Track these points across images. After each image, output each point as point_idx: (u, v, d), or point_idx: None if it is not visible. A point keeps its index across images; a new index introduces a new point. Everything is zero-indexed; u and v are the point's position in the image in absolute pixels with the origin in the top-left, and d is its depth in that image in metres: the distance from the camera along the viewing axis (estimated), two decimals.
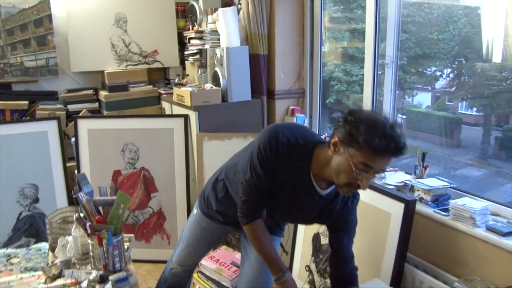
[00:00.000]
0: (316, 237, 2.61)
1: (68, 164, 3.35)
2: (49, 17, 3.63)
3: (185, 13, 4.07)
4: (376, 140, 1.46)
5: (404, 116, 3.13)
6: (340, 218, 1.84)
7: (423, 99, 3.02)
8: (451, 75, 2.81)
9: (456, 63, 2.75)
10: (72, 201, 3.28)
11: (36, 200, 3.26)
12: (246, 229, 1.83)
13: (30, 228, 3.25)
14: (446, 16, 2.71)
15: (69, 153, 3.47)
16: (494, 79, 2.42)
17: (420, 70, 3.00)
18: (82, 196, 1.85)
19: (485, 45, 2.37)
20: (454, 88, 2.81)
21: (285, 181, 1.72)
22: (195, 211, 2.17)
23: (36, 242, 3.08)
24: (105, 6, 3.82)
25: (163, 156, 3.23)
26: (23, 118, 3.48)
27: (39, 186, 3.25)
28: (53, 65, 3.66)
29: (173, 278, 2.28)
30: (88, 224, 1.77)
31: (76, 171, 3.33)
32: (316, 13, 3.32)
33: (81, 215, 1.82)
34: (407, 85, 3.06)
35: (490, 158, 2.59)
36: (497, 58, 2.32)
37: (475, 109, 2.69)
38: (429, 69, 2.95)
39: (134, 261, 1.97)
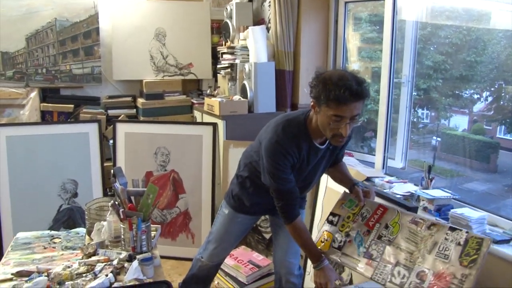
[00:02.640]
0: None
1: (106, 164, 3.66)
2: (97, 30, 4.00)
3: (219, 30, 4.36)
4: (332, 93, 1.73)
5: (439, 139, 3.17)
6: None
7: (459, 122, 3.03)
8: (489, 99, 2.81)
9: (496, 86, 2.76)
10: (108, 196, 3.58)
11: (75, 194, 3.58)
12: (289, 229, 2.07)
13: (69, 220, 3.56)
14: (485, 39, 2.72)
15: (107, 154, 3.78)
16: None
17: (457, 92, 3.01)
18: (117, 185, 2.12)
19: None
20: (492, 112, 2.80)
21: (301, 161, 2.00)
22: (226, 211, 2.35)
23: None
24: (146, 21, 4.16)
25: (192, 160, 3.50)
26: (68, 120, 3.84)
27: (79, 182, 3.57)
28: (97, 73, 4.02)
29: (202, 272, 2.45)
30: (121, 210, 2.04)
31: (112, 169, 3.63)
32: (339, 33, 3.54)
33: (116, 202, 2.09)
34: (442, 107, 3.08)
35: None
36: None
37: None
38: (466, 92, 2.95)
39: (161, 257, 2.16)
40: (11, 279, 1.90)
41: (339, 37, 3.55)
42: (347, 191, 2.24)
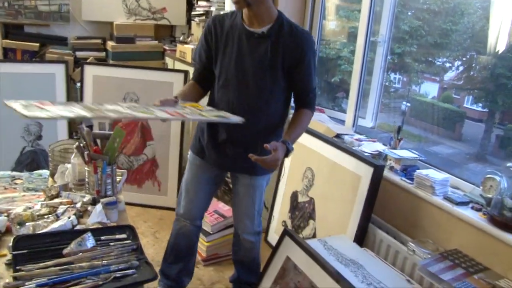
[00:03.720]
0: (294, 195, 2.83)
1: None
2: None
3: None
4: None
5: (409, 104, 3.18)
6: (294, 51, 1.96)
7: (430, 89, 3.02)
8: (460, 68, 2.81)
9: (468, 56, 2.74)
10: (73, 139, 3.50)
11: (39, 137, 3.48)
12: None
13: (32, 162, 3.48)
14: (462, 8, 2.70)
15: (74, 97, 3.66)
16: (503, 76, 2.43)
17: (430, 59, 2.99)
18: (83, 127, 2.06)
19: (494, 37, 2.40)
20: (462, 81, 2.81)
21: (217, 39, 2.02)
22: (189, 154, 2.30)
23: None
24: None
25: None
26: (33, 59, 3.68)
27: (43, 124, 3.46)
28: (65, 12, 3.83)
29: (184, 238, 2.35)
30: (86, 153, 1.99)
31: None
32: None
33: (81, 145, 2.04)
34: (414, 73, 3.06)
35: (489, 155, 2.63)
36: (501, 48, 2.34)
37: (480, 104, 2.72)
38: (439, 60, 2.94)
39: (126, 203, 2.12)
40: None
41: None
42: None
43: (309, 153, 2.73)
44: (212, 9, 3.60)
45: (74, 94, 3.66)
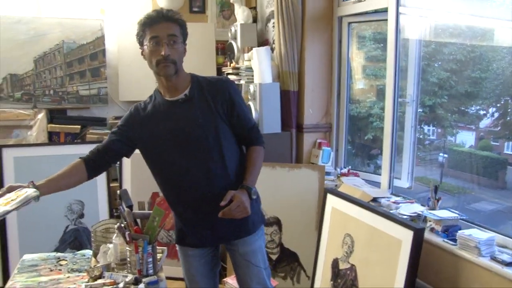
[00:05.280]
0: (335, 262, 2.79)
1: (112, 185, 3.68)
2: (103, 51, 4.05)
3: (224, 51, 4.41)
4: (143, 20, 1.91)
5: (446, 155, 3.14)
6: (221, 98, 1.98)
7: (466, 138, 3.01)
8: (495, 114, 2.80)
9: (502, 102, 2.74)
10: (114, 217, 3.59)
11: (82, 215, 3.59)
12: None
13: (75, 240, 3.57)
14: (489, 56, 2.73)
15: (113, 175, 3.80)
16: None
17: (463, 108, 3.00)
18: (123, 208, 2.13)
19: None
20: (499, 128, 2.78)
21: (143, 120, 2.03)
22: (177, 247, 2.23)
23: None
24: None
25: None
26: (75, 141, 3.87)
27: (85, 203, 3.58)
28: (103, 94, 4.05)
29: None
30: (127, 233, 2.04)
31: (118, 191, 3.65)
32: (343, 52, 3.57)
33: (122, 225, 2.10)
34: (448, 124, 3.06)
35: None
36: None
37: None
38: (472, 108, 2.94)
39: (167, 278, 2.14)
40: None
41: (343, 56, 3.58)
42: None
43: (347, 219, 2.71)
44: (242, 82, 3.74)
45: (113, 171, 3.78)
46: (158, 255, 2.19)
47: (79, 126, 3.90)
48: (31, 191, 1.83)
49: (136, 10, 4.24)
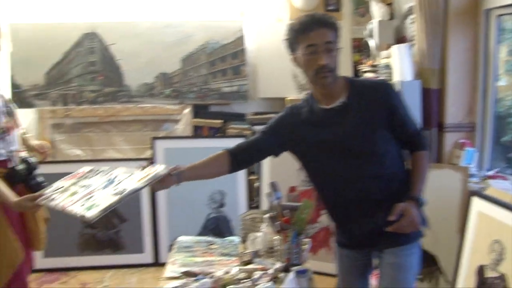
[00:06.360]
0: (480, 270, 2.67)
1: (250, 177, 3.89)
2: (243, 50, 4.27)
3: (360, 48, 4.39)
4: (297, 26, 1.83)
5: None
6: (381, 106, 1.87)
7: None
8: None
9: None
10: (251, 207, 3.81)
11: (222, 205, 3.85)
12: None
13: (216, 228, 3.84)
14: None
15: (251, 168, 4.00)
16: None
17: None
18: (273, 199, 2.26)
19: None
20: None
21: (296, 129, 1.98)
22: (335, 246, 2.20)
23: None
24: None
25: None
26: (217, 134, 4.14)
27: (226, 192, 3.83)
28: (243, 91, 4.27)
29: None
30: (277, 223, 2.17)
31: (256, 184, 3.85)
32: (490, 48, 3.37)
33: (272, 215, 2.23)
34: None
35: None
36: None
37: None
38: None
39: (315, 272, 2.22)
40: (179, 277, 2.13)
41: (490, 51, 3.37)
42: None
43: (496, 224, 2.57)
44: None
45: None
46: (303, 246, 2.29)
47: (220, 121, 4.16)
48: (160, 168, 1.98)
49: (273, 11, 4.39)
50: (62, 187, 2.09)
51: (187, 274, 2.11)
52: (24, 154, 2.49)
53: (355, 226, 1.97)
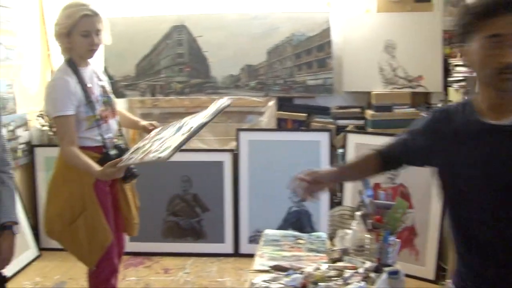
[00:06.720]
0: None
1: None
2: (329, 43, 4.19)
3: (451, 40, 4.16)
4: (478, 8, 1.35)
5: None
6: None
7: None
8: None
9: None
10: (333, 202, 3.75)
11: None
12: None
13: (297, 222, 3.82)
14: None
15: (334, 162, 3.93)
16: None
17: None
18: (365, 197, 2.19)
19: None
20: None
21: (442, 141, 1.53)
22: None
23: None
24: (376, 33, 4.19)
25: (423, 176, 3.39)
26: (301, 128, 4.11)
27: None
28: (328, 85, 4.20)
29: None
30: (369, 221, 2.10)
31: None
32: None
33: (364, 213, 2.16)
34: None
35: None
36: None
37: None
38: None
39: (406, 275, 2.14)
40: (268, 271, 2.12)
41: None
42: None
43: None
44: (474, 74, 3.48)
45: (334, 159, 3.92)
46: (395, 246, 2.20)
47: (304, 114, 4.12)
48: (223, 101, 2.03)
49: (361, 1, 4.27)
50: (137, 148, 2.29)
51: (276, 268, 2.10)
52: (117, 141, 2.59)
53: (494, 275, 1.49)
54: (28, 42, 4.05)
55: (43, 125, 4.13)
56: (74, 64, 2.45)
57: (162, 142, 2.11)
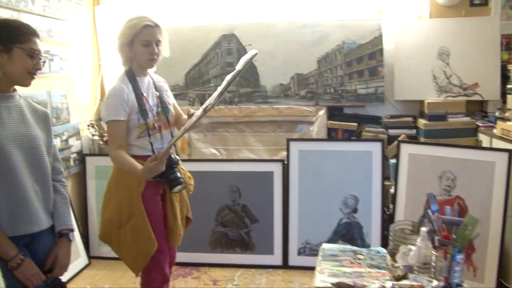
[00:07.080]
0: None
1: (385, 183, 3.72)
2: (381, 51, 4.11)
3: (510, 46, 4.01)
4: None
5: None
6: None
7: None
8: None
9: None
10: (384, 217, 3.66)
11: (355, 210, 3.73)
12: None
13: (347, 234, 3.74)
14: None
15: (386, 173, 3.84)
16: None
17: None
18: (431, 212, 2.11)
19: None
20: None
21: None
22: None
23: None
24: (430, 40, 4.08)
25: (481, 188, 3.27)
26: (351, 138, 4.04)
27: (359, 198, 3.71)
28: (380, 93, 4.12)
29: None
30: (437, 238, 2.02)
31: (391, 190, 3.68)
32: None
33: (430, 229, 2.08)
34: None
35: None
36: None
37: None
38: None
39: None
40: None
41: None
42: None
43: None
44: None
45: (385, 170, 3.82)
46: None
47: (355, 124, 4.05)
48: (251, 52, 2.13)
49: (413, 8, 4.18)
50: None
51: (340, 285, 2.05)
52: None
53: None
54: (81, 54, 4.15)
55: (93, 135, 4.22)
56: (133, 73, 2.50)
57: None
